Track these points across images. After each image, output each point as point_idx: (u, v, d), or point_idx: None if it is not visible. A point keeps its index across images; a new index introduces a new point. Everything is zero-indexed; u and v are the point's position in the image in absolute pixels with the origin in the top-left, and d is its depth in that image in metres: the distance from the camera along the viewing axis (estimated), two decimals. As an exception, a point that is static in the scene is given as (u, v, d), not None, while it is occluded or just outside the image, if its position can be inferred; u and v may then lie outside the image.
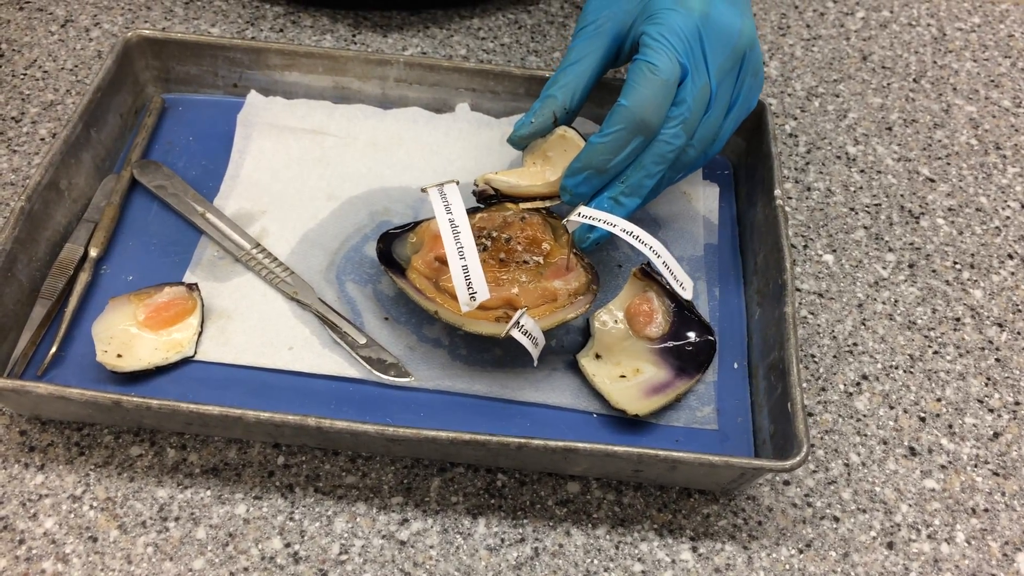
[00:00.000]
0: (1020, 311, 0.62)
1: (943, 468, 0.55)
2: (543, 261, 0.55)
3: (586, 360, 0.54)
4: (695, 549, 0.51)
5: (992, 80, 0.77)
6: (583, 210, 0.53)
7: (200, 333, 0.55)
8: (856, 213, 0.67)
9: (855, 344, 0.60)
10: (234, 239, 0.59)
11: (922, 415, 0.57)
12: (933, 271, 0.64)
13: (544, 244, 0.55)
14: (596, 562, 0.50)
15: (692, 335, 0.55)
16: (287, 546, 0.49)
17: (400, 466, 0.53)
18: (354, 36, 0.75)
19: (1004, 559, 0.51)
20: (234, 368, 0.54)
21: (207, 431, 0.52)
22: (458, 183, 0.52)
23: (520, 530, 0.51)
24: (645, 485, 0.53)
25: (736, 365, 0.56)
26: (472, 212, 0.56)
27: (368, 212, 0.62)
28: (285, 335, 0.55)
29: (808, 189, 0.68)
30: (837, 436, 0.55)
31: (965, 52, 0.79)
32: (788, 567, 0.50)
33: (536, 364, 0.52)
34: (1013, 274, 0.64)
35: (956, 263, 0.64)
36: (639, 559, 0.50)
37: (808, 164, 0.70)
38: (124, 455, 0.52)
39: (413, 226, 0.57)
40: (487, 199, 0.58)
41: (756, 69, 0.56)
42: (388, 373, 0.54)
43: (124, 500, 0.51)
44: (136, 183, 0.63)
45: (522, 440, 0.47)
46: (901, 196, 0.68)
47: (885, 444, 0.55)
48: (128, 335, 0.54)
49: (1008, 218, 0.67)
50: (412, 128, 0.66)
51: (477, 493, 0.52)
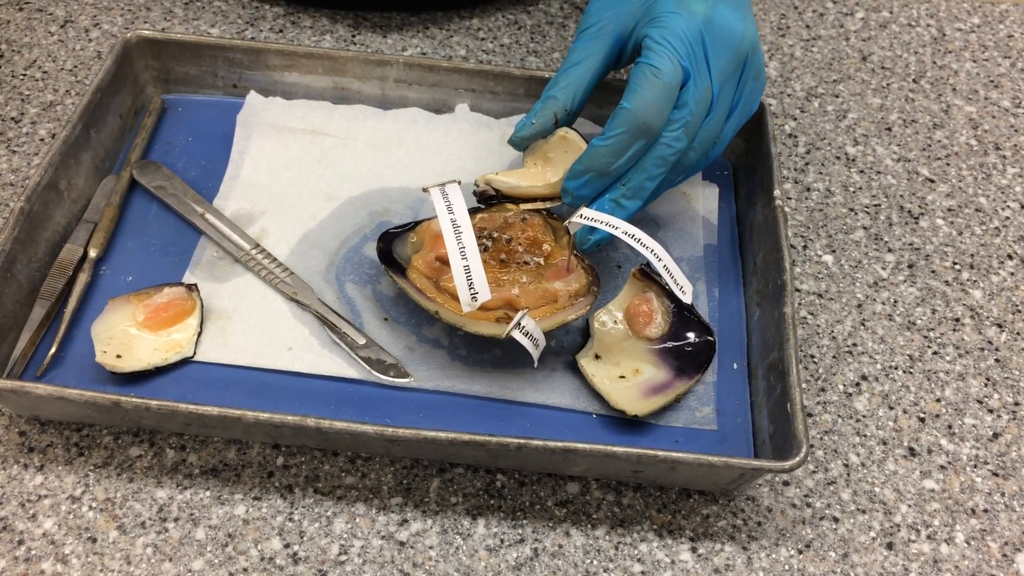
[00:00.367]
0: (1019, 311, 0.62)
1: (942, 468, 0.55)
2: (544, 262, 0.55)
3: (586, 360, 0.54)
4: (694, 550, 0.51)
5: (991, 80, 0.77)
6: (585, 212, 0.53)
7: (199, 334, 0.55)
8: (856, 213, 0.67)
9: (854, 344, 0.60)
10: (233, 239, 0.59)
11: (921, 415, 0.57)
12: (932, 271, 0.64)
13: (545, 245, 0.55)
14: (595, 563, 0.50)
15: (691, 335, 0.55)
16: (286, 547, 0.49)
17: (399, 467, 0.53)
18: (353, 37, 0.75)
19: (1004, 559, 0.51)
20: (233, 369, 0.54)
21: (206, 432, 0.52)
22: (460, 183, 0.52)
23: (520, 531, 0.51)
24: (644, 486, 0.53)
25: (736, 365, 0.56)
26: (473, 212, 0.56)
27: (367, 213, 0.62)
28: (284, 336, 0.55)
29: (808, 189, 0.68)
30: (836, 436, 0.55)
31: (965, 52, 0.79)
32: (787, 567, 0.50)
33: (536, 365, 0.52)
34: (1012, 274, 0.64)
35: (955, 263, 0.64)
36: (638, 559, 0.50)
37: (808, 164, 0.70)
38: (123, 456, 0.52)
39: (413, 225, 0.57)
40: (488, 200, 0.58)
41: (758, 72, 0.56)
42: (388, 374, 0.54)
43: (123, 501, 0.51)
44: (136, 184, 0.63)
45: (521, 440, 0.47)
46: (900, 196, 0.68)
47: (884, 444, 0.55)
48: (127, 336, 0.54)
49: (1007, 218, 0.67)
50: (412, 129, 0.66)
51: (476, 494, 0.52)
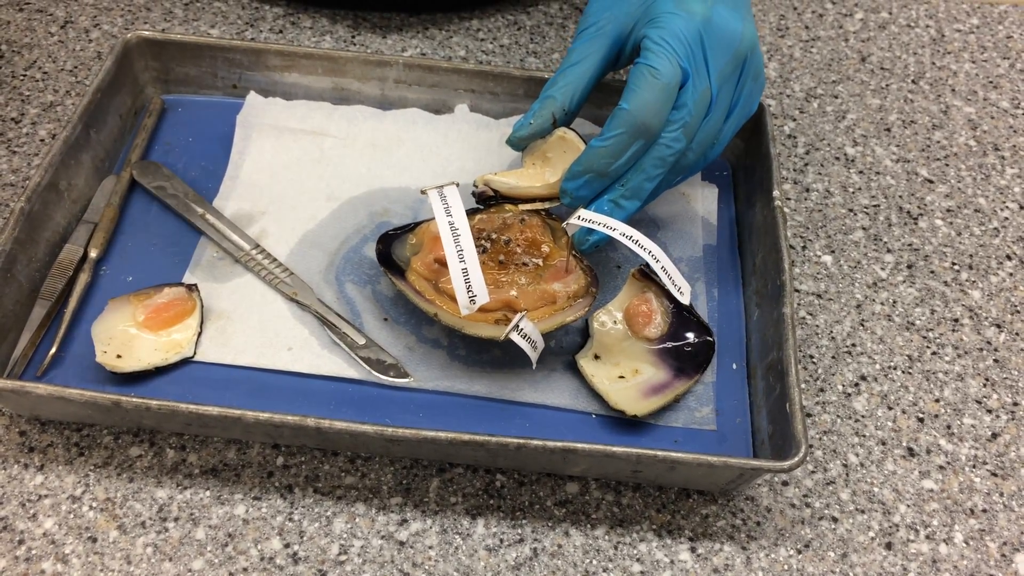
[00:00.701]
0: (1018, 312, 0.62)
1: (941, 469, 0.55)
2: (542, 263, 0.55)
3: (585, 361, 0.54)
4: (694, 549, 0.51)
5: (991, 81, 0.77)
6: (583, 213, 0.53)
7: (199, 334, 0.55)
8: (855, 214, 0.67)
9: (854, 345, 0.60)
10: (233, 240, 0.59)
11: (920, 416, 0.57)
12: (931, 272, 0.64)
13: (543, 246, 0.55)
14: (595, 562, 0.50)
15: (691, 336, 0.55)
16: (286, 546, 0.49)
17: (399, 467, 0.53)
18: (353, 37, 0.76)
19: (1002, 559, 0.51)
20: (233, 369, 0.54)
21: (206, 432, 0.52)
22: (458, 185, 0.52)
23: (519, 530, 0.51)
24: (644, 486, 0.53)
25: (735, 366, 0.56)
26: (471, 213, 0.56)
27: (367, 213, 0.62)
28: (284, 336, 0.55)
29: (807, 190, 0.68)
30: (836, 437, 0.55)
31: (964, 53, 0.79)
32: (787, 567, 0.50)
33: (535, 367, 0.53)
34: (1011, 275, 0.64)
35: (954, 264, 0.64)
36: (638, 559, 0.50)
37: (807, 165, 0.70)
38: (124, 456, 0.52)
39: (412, 227, 0.57)
40: (486, 200, 0.58)
41: (757, 73, 0.56)
42: (387, 374, 0.54)
43: (123, 500, 0.51)
44: (136, 184, 0.63)
45: (521, 440, 0.47)
46: (900, 197, 0.68)
47: (883, 445, 0.55)
48: (127, 336, 0.54)
49: (1006, 219, 0.67)
50: (411, 129, 0.66)
51: (476, 493, 0.52)
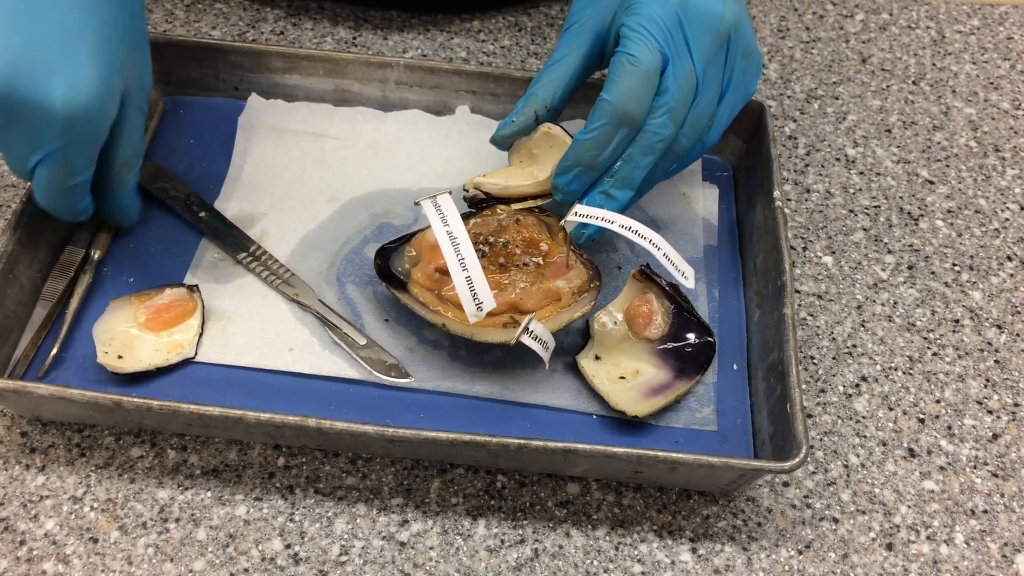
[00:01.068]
0: (1019, 313, 0.62)
1: (942, 469, 0.55)
2: (543, 261, 0.55)
3: (586, 361, 0.54)
4: (695, 550, 0.51)
5: (991, 82, 0.77)
6: (579, 208, 0.53)
7: (200, 334, 0.55)
8: (855, 215, 0.67)
9: (854, 346, 0.60)
10: (234, 241, 0.59)
11: (921, 416, 0.57)
12: (932, 273, 0.64)
13: (542, 244, 0.55)
14: (596, 563, 0.50)
15: (691, 336, 0.55)
16: (287, 547, 0.50)
17: (400, 467, 0.53)
18: (354, 39, 0.76)
19: (1003, 560, 0.51)
20: (234, 369, 0.54)
21: (208, 432, 0.52)
22: (451, 192, 0.52)
23: (520, 531, 0.51)
24: (645, 486, 0.53)
25: (735, 367, 0.56)
26: (465, 218, 0.56)
27: (368, 214, 0.62)
28: (285, 336, 0.56)
29: (807, 191, 0.68)
30: (836, 437, 0.55)
31: (964, 54, 0.79)
32: (787, 568, 0.50)
33: (548, 367, 0.52)
34: (1012, 276, 0.64)
35: (955, 265, 0.64)
36: (639, 560, 0.50)
37: (807, 166, 0.70)
38: (125, 456, 0.52)
39: (408, 238, 0.57)
40: (478, 203, 0.58)
41: (747, 51, 0.55)
42: (388, 374, 0.54)
43: (125, 501, 0.51)
44: (137, 185, 0.63)
45: (521, 441, 0.47)
46: (900, 198, 0.68)
47: (884, 445, 0.55)
48: (129, 336, 0.54)
49: (1007, 220, 0.67)
50: (412, 130, 0.66)
51: (477, 494, 0.52)
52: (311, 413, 0.49)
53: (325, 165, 0.65)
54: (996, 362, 0.59)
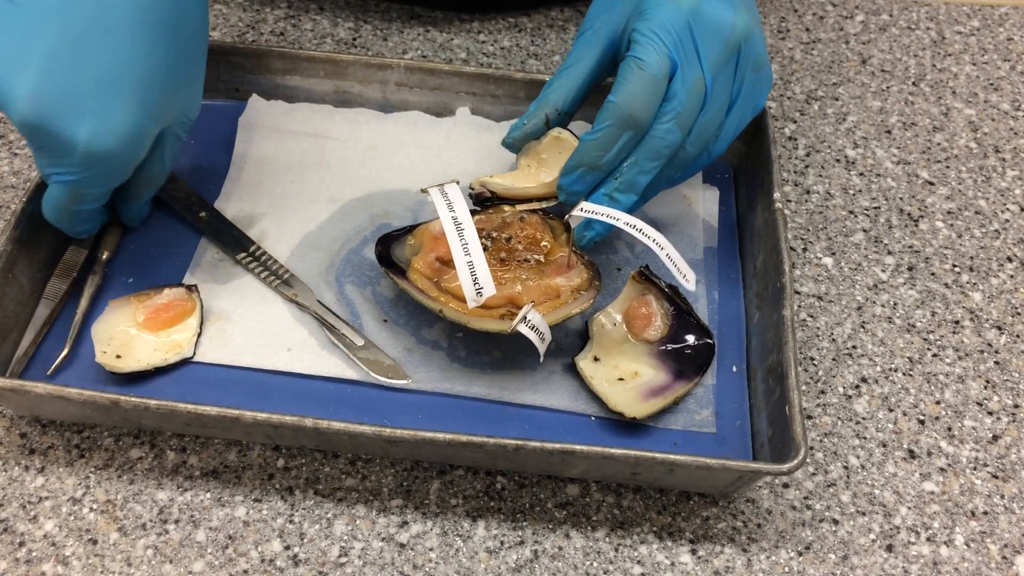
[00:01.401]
0: (1019, 314, 0.62)
1: (942, 471, 0.55)
2: (544, 259, 0.55)
3: (584, 363, 0.54)
4: (694, 552, 0.51)
5: (991, 83, 0.77)
6: (585, 205, 0.53)
7: (199, 334, 0.55)
8: (855, 216, 0.67)
9: (854, 347, 0.60)
10: (234, 241, 0.59)
11: (921, 418, 0.57)
12: (932, 274, 0.64)
13: (544, 242, 0.55)
14: (596, 564, 0.50)
15: (691, 338, 0.55)
16: (287, 548, 0.49)
17: (399, 468, 0.53)
18: (354, 40, 0.76)
19: (1003, 562, 0.51)
20: (233, 369, 0.54)
21: (206, 432, 0.52)
22: (458, 183, 0.52)
23: (520, 532, 0.51)
24: (644, 488, 0.53)
25: (735, 368, 0.56)
26: (471, 214, 0.56)
27: (368, 215, 0.62)
28: (284, 337, 0.56)
29: (807, 192, 0.68)
30: (836, 439, 0.55)
31: (964, 55, 0.79)
32: (787, 569, 0.50)
33: (542, 360, 0.52)
34: (1012, 277, 0.64)
35: (955, 266, 0.64)
36: (638, 561, 0.50)
37: (807, 167, 0.70)
38: (124, 457, 0.52)
39: (411, 229, 0.57)
40: (483, 202, 0.58)
41: (757, 64, 0.55)
42: (386, 375, 0.54)
43: (124, 502, 0.51)
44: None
45: (520, 442, 0.47)
46: (900, 199, 0.68)
47: (884, 447, 0.55)
48: (127, 336, 0.54)
49: (1007, 221, 0.67)
50: (412, 132, 0.67)
51: (476, 495, 0.52)
52: (309, 413, 0.49)
53: (325, 166, 0.65)
54: (996, 363, 0.59)
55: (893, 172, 0.70)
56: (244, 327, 0.56)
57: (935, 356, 0.60)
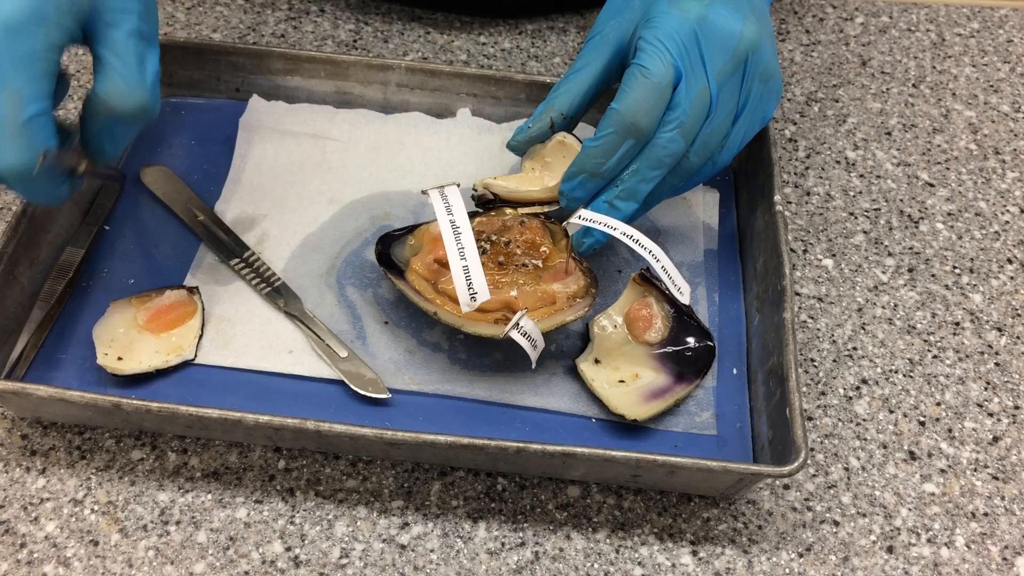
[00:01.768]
0: (1019, 315, 0.62)
1: (943, 472, 0.55)
2: (542, 265, 0.55)
3: (585, 365, 0.54)
4: (695, 553, 0.51)
5: (991, 85, 0.77)
6: (583, 213, 0.53)
7: (200, 336, 0.55)
8: (856, 218, 0.67)
9: (855, 348, 0.60)
10: (229, 246, 0.59)
11: (922, 419, 0.57)
12: (932, 275, 0.64)
13: (543, 248, 0.56)
14: (596, 566, 0.50)
15: (691, 340, 0.55)
16: (288, 550, 0.50)
17: (400, 470, 0.53)
18: (355, 41, 0.76)
19: (1004, 563, 0.51)
20: (234, 371, 0.54)
21: (207, 434, 0.52)
22: (459, 185, 0.52)
23: (520, 534, 0.51)
24: (645, 489, 0.53)
25: (735, 371, 0.56)
26: (471, 216, 0.56)
27: (369, 216, 0.62)
28: (285, 339, 0.56)
29: (808, 194, 0.68)
30: (837, 440, 0.55)
31: (964, 57, 0.79)
32: (788, 571, 0.50)
33: (535, 367, 0.53)
34: (1012, 278, 0.64)
35: (955, 267, 0.64)
36: (639, 563, 0.50)
37: (808, 169, 0.70)
38: (125, 459, 0.52)
39: (412, 229, 0.57)
40: (486, 204, 0.58)
41: (765, 74, 0.54)
42: (366, 389, 0.53)
43: (125, 504, 0.51)
44: (139, 186, 0.63)
45: (520, 444, 0.47)
46: (900, 201, 0.68)
47: (885, 448, 0.55)
48: (129, 338, 0.54)
49: (1007, 222, 0.67)
50: (413, 133, 0.67)
51: (477, 497, 0.52)
52: (311, 415, 0.49)
53: (326, 167, 0.65)
54: (996, 365, 0.59)
55: (893, 174, 0.70)
56: (245, 329, 0.56)
57: (935, 357, 0.60)
